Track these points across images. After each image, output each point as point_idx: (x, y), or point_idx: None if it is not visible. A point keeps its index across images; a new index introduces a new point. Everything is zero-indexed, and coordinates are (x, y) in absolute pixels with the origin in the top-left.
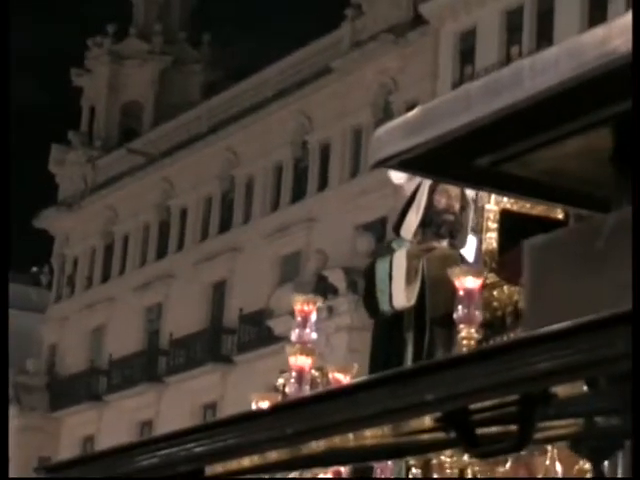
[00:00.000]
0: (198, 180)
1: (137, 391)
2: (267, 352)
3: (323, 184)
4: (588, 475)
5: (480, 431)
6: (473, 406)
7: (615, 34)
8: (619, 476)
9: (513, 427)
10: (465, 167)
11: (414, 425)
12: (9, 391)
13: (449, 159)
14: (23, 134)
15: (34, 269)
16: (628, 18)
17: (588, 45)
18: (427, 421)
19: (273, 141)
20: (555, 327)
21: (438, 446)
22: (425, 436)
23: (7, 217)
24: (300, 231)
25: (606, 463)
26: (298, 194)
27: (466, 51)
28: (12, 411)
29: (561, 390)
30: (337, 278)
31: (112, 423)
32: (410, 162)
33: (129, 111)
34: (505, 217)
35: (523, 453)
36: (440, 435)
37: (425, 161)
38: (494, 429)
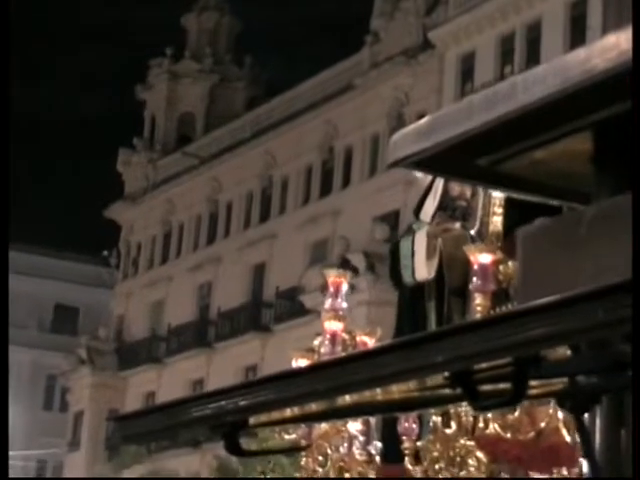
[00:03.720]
0: (241, 178)
1: (190, 355)
2: (299, 322)
3: (346, 182)
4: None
5: (481, 388)
6: (475, 367)
7: (595, 54)
8: (597, 426)
9: (508, 385)
10: (467, 166)
11: (427, 383)
12: (84, 355)
13: (453, 160)
14: (95, 139)
15: (105, 253)
16: (606, 40)
17: (572, 63)
18: (437, 379)
19: (304, 146)
20: (543, 300)
21: (447, 400)
22: (437, 392)
23: (7, 216)
24: (327, 221)
25: (586, 416)
26: (325, 190)
27: (466, 71)
28: (86, 370)
29: (549, 353)
30: (358, 260)
31: (169, 381)
32: (420, 162)
33: (184, 120)
34: (509, 203)
35: (526, 404)
36: (448, 391)
37: (433, 161)
38: (493, 386)
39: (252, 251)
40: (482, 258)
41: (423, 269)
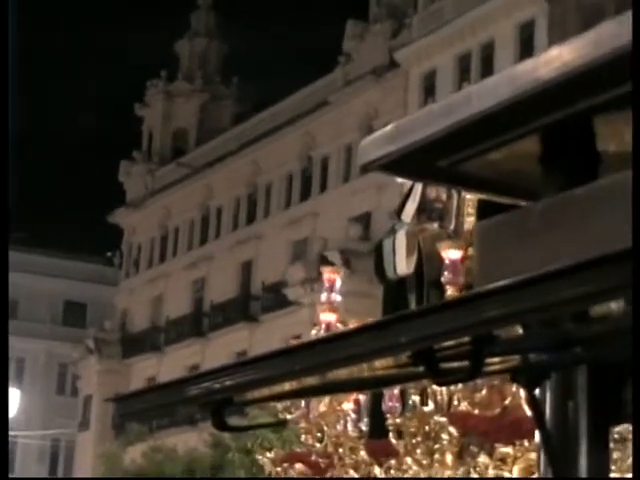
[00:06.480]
0: (230, 186)
1: (187, 344)
2: (283, 313)
3: (323, 187)
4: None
5: (443, 366)
6: (438, 346)
7: (541, 65)
8: (547, 399)
9: (467, 362)
10: (429, 168)
11: (397, 361)
12: (92, 345)
13: (416, 162)
14: (99, 153)
15: (109, 254)
16: (551, 52)
17: (520, 73)
18: (404, 358)
19: (286, 156)
20: (496, 284)
21: (412, 377)
22: (405, 370)
23: (7, 222)
24: (307, 222)
25: (537, 390)
26: (305, 195)
27: (429, 87)
28: (94, 359)
29: (503, 333)
30: (335, 257)
31: (168, 367)
32: (387, 165)
33: (178, 134)
34: (481, 203)
35: (496, 382)
36: (413, 369)
37: (398, 164)
38: (453, 364)
39: (240, 250)
40: (452, 254)
41: (404, 265)
